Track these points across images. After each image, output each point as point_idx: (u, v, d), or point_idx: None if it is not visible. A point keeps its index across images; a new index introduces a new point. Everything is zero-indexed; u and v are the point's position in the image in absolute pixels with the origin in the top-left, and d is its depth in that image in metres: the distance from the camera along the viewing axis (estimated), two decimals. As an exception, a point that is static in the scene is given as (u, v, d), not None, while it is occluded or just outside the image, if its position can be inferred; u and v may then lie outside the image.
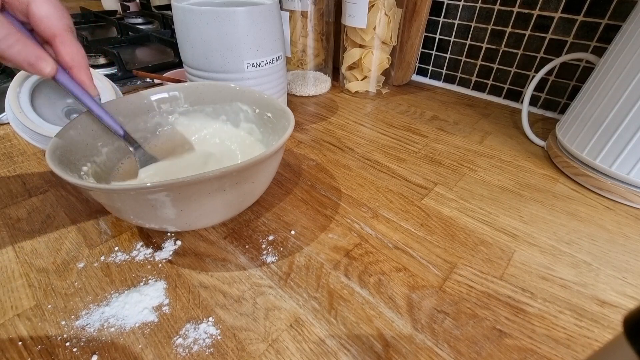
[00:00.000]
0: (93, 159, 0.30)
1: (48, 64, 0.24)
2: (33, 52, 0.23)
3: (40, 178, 0.37)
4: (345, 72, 0.61)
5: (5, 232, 0.31)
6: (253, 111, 0.36)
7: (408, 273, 0.28)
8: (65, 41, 0.25)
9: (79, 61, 0.26)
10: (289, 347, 0.23)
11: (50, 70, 0.25)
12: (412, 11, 0.56)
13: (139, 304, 0.25)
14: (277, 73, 0.44)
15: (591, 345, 0.23)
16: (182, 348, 0.22)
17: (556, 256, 0.30)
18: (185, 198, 0.24)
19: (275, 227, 0.32)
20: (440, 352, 0.23)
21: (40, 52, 0.24)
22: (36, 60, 0.24)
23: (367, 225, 0.33)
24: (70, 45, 0.25)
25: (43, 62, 0.24)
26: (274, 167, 0.30)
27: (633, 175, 0.34)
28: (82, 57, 0.26)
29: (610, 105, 0.35)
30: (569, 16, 0.48)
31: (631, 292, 0.27)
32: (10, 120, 0.36)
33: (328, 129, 0.49)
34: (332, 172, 0.40)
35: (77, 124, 0.30)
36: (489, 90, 0.60)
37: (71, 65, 0.26)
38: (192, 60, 0.41)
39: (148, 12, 0.98)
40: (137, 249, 0.29)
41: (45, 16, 0.24)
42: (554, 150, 0.43)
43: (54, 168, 0.23)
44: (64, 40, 0.25)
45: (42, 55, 0.24)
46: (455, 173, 0.41)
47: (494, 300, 0.26)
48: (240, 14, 0.37)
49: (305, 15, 0.56)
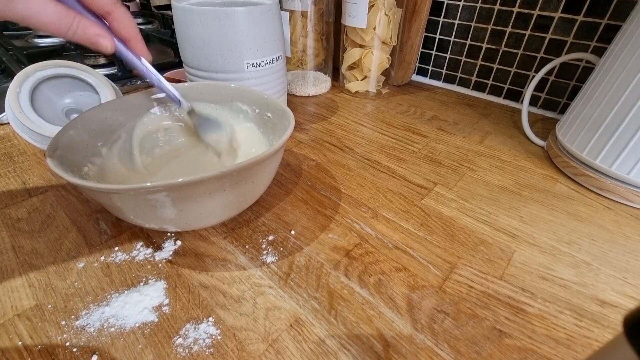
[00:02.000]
0: (93, 159, 0.30)
1: (108, 41, 0.25)
2: (92, 30, 0.24)
3: (40, 178, 0.37)
4: (345, 72, 0.61)
5: (5, 232, 0.31)
6: (253, 111, 0.36)
7: (408, 273, 0.28)
8: (119, 16, 0.26)
9: (134, 34, 0.28)
10: (289, 347, 0.23)
11: (111, 46, 0.26)
12: (412, 11, 0.56)
13: (139, 304, 0.25)
14: (277, 73, 0.44)
15: (591, 345, 0.23)
16: (182, 348, 0.22)
17: (556, 256, 0.30)
18: (185, 198, 0.24)
19: (275, 227, 0.32)
20: (440, 352, 0.23)
21: (98, 29, 0.25)
22: (97, 38, 0.25)
23: (367, 225, 0.33)
24: (124, 18, 0.27)
25: (103, 39, 0.25)
26: (274, 167, 0.30)
27: (633, 175, 0.34)
28: (136, 28, 0.28)
29: (610, 105, 0.35)
30: (569, 16, 0.48)
31: (631, 292, 0.27)
32: (10, 120, 0.36)
33: (328, 129, 0.49)
34: (332, 172, 0.40)
35: (77, 124, 0.30)
36: (489, 90, 0.60)
37: (128, 38, 0.27)
38: (192, 60, 0.41)
39: (148, 12, 0.98)
40: (137, 249, 0.29)
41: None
42: (554, 150, 0.43)
43: (54, 168, 0.23)
44: (117, 15, 0.26)
45: (101, 33, 0.25)
46: (455, 173, 0.41)
47: (494, 300, 0.26)
48: (240, 14, 0.37)
49: (305, 15, 0.56)
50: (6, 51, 0.64)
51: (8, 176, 0.37)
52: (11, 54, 0.62)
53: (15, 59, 0.61)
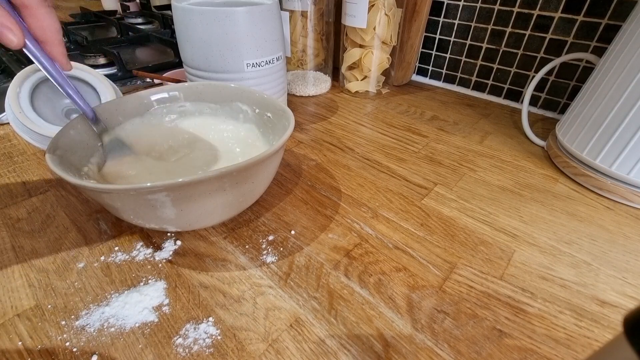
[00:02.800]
0: (93, 159, 0.30)
1: (15, 35, 0.22)
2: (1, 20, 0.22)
3: (40, 178, 0.37)
4: (345, 72, 0.61)
5: (5, 232, 0.31)
6: (253, 111, 0.36)
7: (408, 273, 0.28)
8: (36, 14, 0.23)
9: (51, 36, 0.24)
10: (289, 347, 0.23)
11: (17, 42, 0.23)
12: (412, 11, 0.56)
13: (139, 304, 0.25)
14: (277, 73, 0.44)
15: (591, 345, 0.23)
16: (182, 348, 0.22)
17: (556, 256, 0.30)
18: (185, 198, 0.24)
19: (275, 227, 0.32)
20: (440, 352, 0.23)
21: (7, 20, 0.22)
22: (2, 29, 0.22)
23: (367, 225, 0.33)
24: (42, 18, 0.23)
25: (9, 33, 0.22)
26: (274, 167, 0.30)
27: (633, 175, 0.34)
28: (55, 31, 0.24)
29: (610, 105, 0.35)
30: (569, 16, 0.48)
31: (631, 292, 0.27)
32: (10, 120, 0.36)
33: (328, 129, 0.49)
34: (332, 172, 0.40)
35: (77, 124, 0.30)
36: (489, 90, 0.60)
37: (42, 40, 0.24)
38: (192, 60, 0.41)
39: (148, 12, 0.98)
40: (137, 249, 0.29)
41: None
42: (554, 150, 0.43)
43: (54, 168, 0.23)
44: (35, 13, 0.23)
45: (8, 24, 0.22)
46: (455, 173, 0.41)
47: (494, 300, 0.26)
48: (240, 14, 0.37)
49: (305, 15, 0.56)
50: (6, 51, 0.64)
51: (8, 176, 0.37)
52: (11, 54, 0.62)
53: (15, 59, 0.61)
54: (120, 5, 1.07)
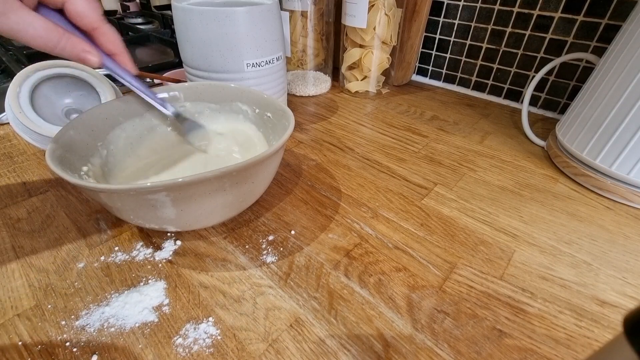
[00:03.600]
0: (93, 159, 0.30)
1: (94, 56, 0.26)
2: (80, 46, 0.25)
3: (40, 178, 0.37)
4: (345, 72, 0.61)
5: (5, 232, 0.31)
6: (253, 111, 0.36)
7: (408, 273, 0.28)
8: (105, 32, 0.27)
9: (120, 48, 0.28)
10: (289, 347, 0.23)
11: (97, 60, 0.27)
12: (412, 11, 0.56)
13: (139, 304, 0.25)
14: (277, 73, 0.44)
15: (591, 345, 0.23)
16: (182, 348, 0.22)
17: (556, 256, 0.30)
18: (185, 198, 0.24)
19: (275, 227, 0.32)
20: (440, 352, 0.23)
21: (85, 45, 0.26)
22: (84, 54, 0.26)
23: (367, 225, 0.33)
24: (110, 34, 0.27)
25: (89, 55, 0.26)
26: (274, 167, 0.30)
27: (633, 175, 0.34)
28: (121, 42, 0.29)
29: (610, 105, 0.35)
30: (569, 16, 0.48)
31: (631, 292, 0.27)
32: (10, 120, 0.36)
33: (328, 129, 0.49)
34: (332, 172, 0.40)
35: (77, 124, 0.30)
36: (489, 90, 0.60)
37: (114, 53, 0.28)
38: (192, 60, 0.41)
39: (148, 12, 0.98)
40: (137, 249, 0.29)
41: (82, 11, 0.25)
42: (554, 150, 0.43)
43: (54, 168, 0.23)
44: (104, 31, 0.27)
45: (87, 49, 0.26)
46: (455, 173, 0.41)
47: (494, 300, 0.26)
48: (240, 14, 0.37)
49: (305, 15, 0.56)
50: (6, 51, 0.64)
51: (8, 176, 0.37)
52: (11, 54, 0.62)
53: (15, 59, 0.61)
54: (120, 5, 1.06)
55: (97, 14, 0.26)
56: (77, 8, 0.25)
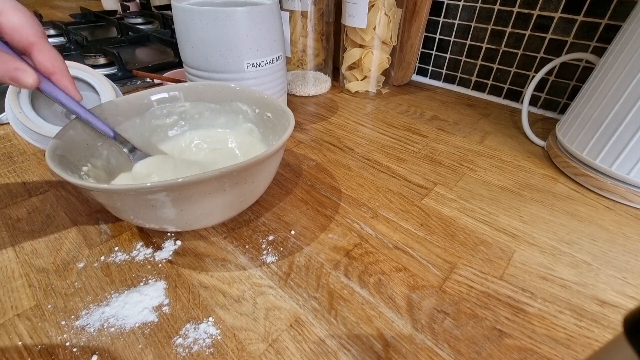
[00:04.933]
0: (93, 159, 0.30)
1: (29, 75, 0.23)
2: (12, 64, 0.23)
3: (40, 178, 0.37)
4: (345, 72, 0.61)
5: (5, 232, 0.31)
6: (253, 111, 0.36)
7: (408, 273, 0.28)
8: (43, 48, 0.24)
9: (59, 67, 0.25)
10: (289, 347, 0.23)
11: (33, 80, 0.24)
12: (412, 11, 0.56)
13: (139, 304, 0.25)
14: (277, 73, 0.44)
15: (591, 345, 0.23)
16: (182, 348, 0.22)
17: (556, 256, 0.30)
18: (185, 198, 0.24)
19: (275, 227, 0.32)
20: (440, 352, 0.23)
21: (19, 63, 0.23)
22: (16, 72, 0.23)
23: (367, 225, 0.33)
24: (48, 51, 0.25)
25: (24, 74, 0.23)
26: (274, 167, 0.30)
27: (633, 175, 0.34)
28: (62, 62, 0.26)
29: (610, 105, 0.35)
30: (569, 16, 0.48)
31: (631, 292, 0.27)
32: (10, 120, 0.36)
33: (328, 129, 0.49)
34: (332, 172, 0.40)
35: (77, 124, 0.30)
36: (489, 90, 0.60)
37: (52, 72, 0.25)
38: (192, 60, 0.41)
39: (148, 12, 0.98)
40: (137, 249, 0.29)
41: (18, 26, 0.23)
42: (554, 150, 0.43)
43: (54, 168, 0.23)
44: (41, 47, 0.24)
45: (21, 67, 0.23)
46: (455, 173, 0.41)
47: (494, 300, 0.26)
48: (240, 14, 0.37)
49: (305, 15, 0.56)
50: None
51: (8, 176, 0.37)
52: (11, 54, 0.62)
53: (15, 59, 0.61)
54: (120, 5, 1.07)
55: (35, 29, 0.24)
56: (13, 21, 0.23)
